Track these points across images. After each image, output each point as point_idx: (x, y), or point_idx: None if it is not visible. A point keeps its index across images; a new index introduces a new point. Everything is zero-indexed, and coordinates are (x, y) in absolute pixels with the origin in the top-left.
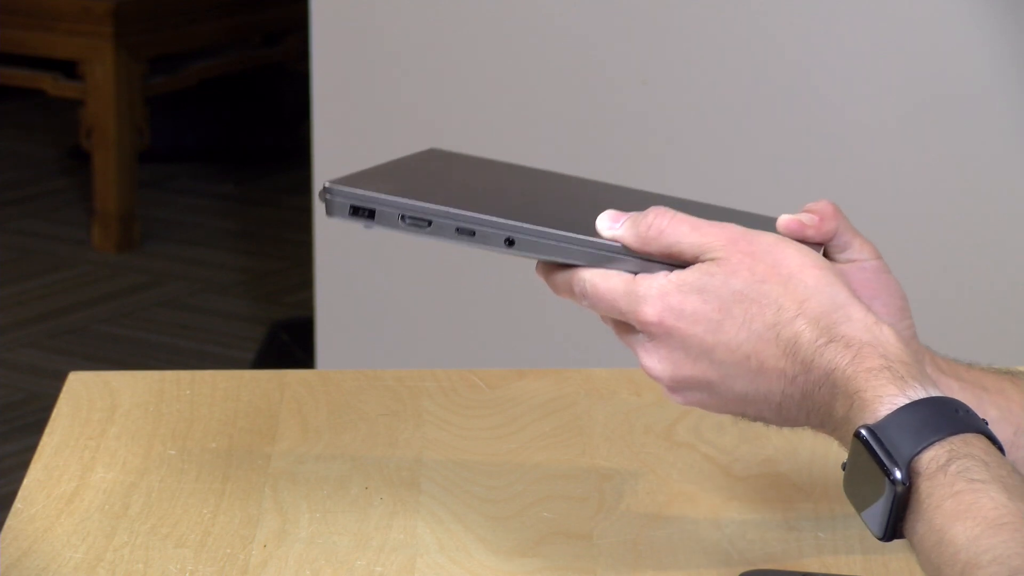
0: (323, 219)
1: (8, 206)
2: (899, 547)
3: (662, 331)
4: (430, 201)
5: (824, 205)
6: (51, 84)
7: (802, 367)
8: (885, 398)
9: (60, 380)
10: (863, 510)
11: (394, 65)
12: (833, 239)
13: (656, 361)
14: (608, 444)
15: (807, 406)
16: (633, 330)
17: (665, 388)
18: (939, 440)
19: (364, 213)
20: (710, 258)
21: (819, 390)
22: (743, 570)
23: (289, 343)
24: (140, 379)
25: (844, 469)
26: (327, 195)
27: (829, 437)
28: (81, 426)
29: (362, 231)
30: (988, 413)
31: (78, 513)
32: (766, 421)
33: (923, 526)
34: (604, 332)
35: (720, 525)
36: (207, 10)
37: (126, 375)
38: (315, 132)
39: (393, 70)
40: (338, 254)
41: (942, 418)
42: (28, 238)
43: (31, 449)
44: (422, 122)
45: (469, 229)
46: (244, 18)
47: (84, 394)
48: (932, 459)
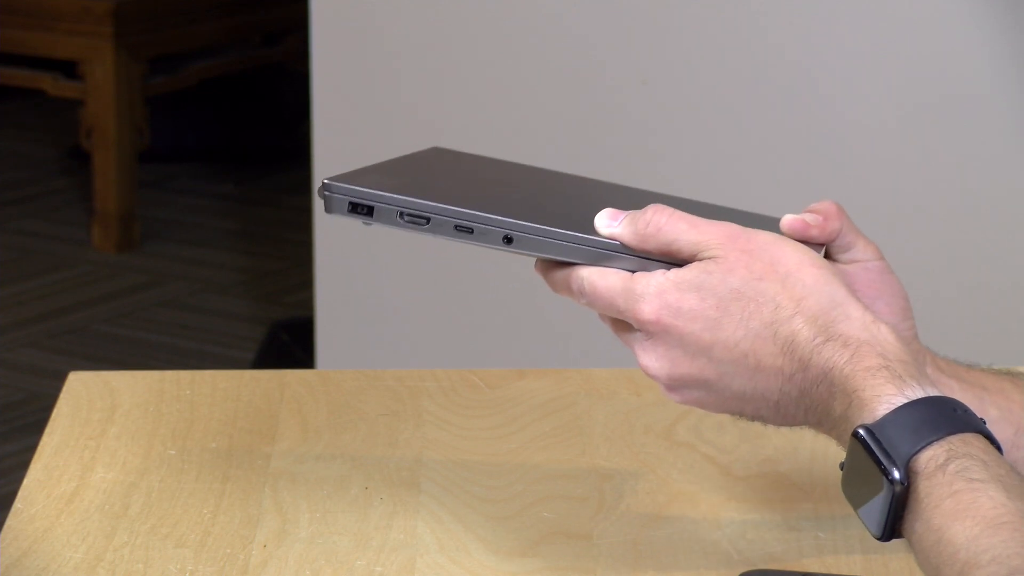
0: (323, 219)
1: (8, 206)
2: (899, 547)
3: (659, 329)
4: (429, 198)
5: (828, 205)
6: (51, 84)
7: (800, 365)
8: (883, 397)
9: (60, 380)
10: (861, 510)
11: (394, 65)
12: (836, 239)
13: (654, 359)
14: (608, 444)
15: (805, 404)
16: (631, 328)
17: (663, 386)
18: (937, 440)
19: (363, 210)
20: (708, 256)
21: (817, 388)
22: (743, 570)
23: (289, 343)
24: (140, 379)
25: (842, 469)
26: (326, 192)
27: (829, 437)
28: (81, 426)
29: (362, 231)
30: (988, 413)
31: (78, 513)
32: (764, 420)
33: (922, 526)
34: (604, 332)
35: (720, 525)
36: (207, 10)
37: (126, 375)
38: (315, 132)
39: (393, 70)
40: (338, 254)
41: (940, 417)
42: (28, 238)
43: (31, 449)
44: (422, 122)
45: (467, 227)
46: (244, 18)
47: (84, 394)
48: (930, 459)
